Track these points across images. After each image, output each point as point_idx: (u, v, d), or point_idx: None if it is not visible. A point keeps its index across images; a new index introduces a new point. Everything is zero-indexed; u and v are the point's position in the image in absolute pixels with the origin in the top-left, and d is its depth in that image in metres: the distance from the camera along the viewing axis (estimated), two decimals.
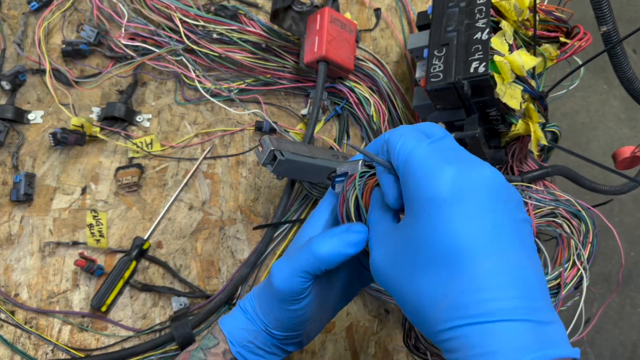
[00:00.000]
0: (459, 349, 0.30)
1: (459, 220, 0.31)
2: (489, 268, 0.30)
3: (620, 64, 0.57)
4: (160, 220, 0.69)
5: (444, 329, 0.31)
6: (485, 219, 0.31)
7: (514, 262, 0.30)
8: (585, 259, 0.51)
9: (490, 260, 0.30)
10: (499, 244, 0.31)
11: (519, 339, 0.29)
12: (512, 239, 0.31)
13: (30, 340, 0.63)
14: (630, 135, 1.67)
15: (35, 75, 0.75)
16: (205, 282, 0.67)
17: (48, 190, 0.70)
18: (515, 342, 0.29)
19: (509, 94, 0.56)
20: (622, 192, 0.64)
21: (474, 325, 0.29)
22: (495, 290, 0.30)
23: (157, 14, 0.74)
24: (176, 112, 0.75)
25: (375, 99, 0.73)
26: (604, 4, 0.54)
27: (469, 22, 0.59)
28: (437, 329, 0.31)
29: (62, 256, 0.67)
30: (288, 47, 0.73)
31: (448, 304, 0.31)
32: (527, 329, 0.29)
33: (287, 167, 0.60)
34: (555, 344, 0.29)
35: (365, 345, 0.65)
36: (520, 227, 0.32)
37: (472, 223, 0.31)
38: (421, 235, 0.32)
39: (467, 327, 0.30)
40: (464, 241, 0.31)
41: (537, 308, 0.30)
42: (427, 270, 0.32)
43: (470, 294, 0.30)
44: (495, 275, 0.30)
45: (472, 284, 0.30)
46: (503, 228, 0.31)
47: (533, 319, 0.29)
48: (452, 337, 0.30)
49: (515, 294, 0.30)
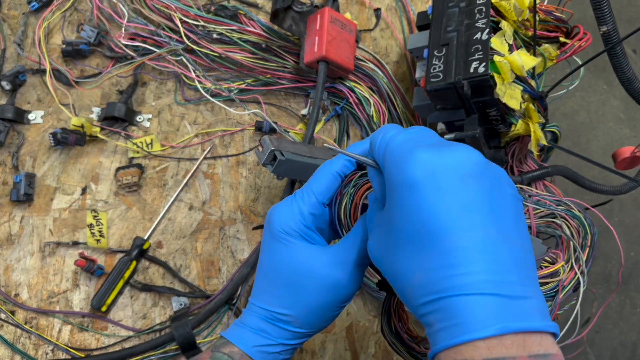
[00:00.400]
0: (432, 323, 0.32)
1: (429, 199, 0.32)
2: (457, 244, 0.31)
3: (620, 64, 0.57)
4: (161, 220, 0.69)
5: (418, 304, 0.32)
6: (455, 197, 0.32)
7: (483, 238, 0.31)
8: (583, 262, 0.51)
9: (458, 237, 0.31)
10: (467, 220, 0.31)
11: (483, 311, 0.29)
12: (483, 215, 0.32)
13: (30, 340, 0.63)
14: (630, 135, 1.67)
15: (35, 75, 0.75)
16: (206, 282, 0.67)
17: (48, 190, 0.70)
18: (478, 314, 0.29)
19: (509, 94, 0.56)
20: (622, 192, 0.64)
21: (443, 300, 0.31)
22: (462, 266, 0.30)
23: (157, 14, 0.74)
24: (176, 112, 0.75)
25: (375, 99, 0.73)
26: (604, 4, 0.54)
27: (469, 22, 0.59)
28: (414, 304, 0.33)
29: (62, 256, 0.67)
30: (288, 47, 0.73)
31: (420, 281, 0.32)
32: (492, 302, 0.30)
33: (287, 167, 0.60)
34: (524, 317, 0.30)
35: (365, 345, 0.65)
36: (495, 203, 0.32)
37: (441, 202, 0.32)
38: (396, 217, 0.34)
39: (436, 302, 0.31)
40: (434, 220, 0.32)
41: (507, 282, 0.30)
42: (402, 250, 0.34)
43: (438, 270, 0.31)
44: (462, 250, 0.31)
45: (440, 260, 0.31)
46: (473, 204, 0.32)
47: (500, 293, 0.30)
48: (426, 313, 0.32)
49: (482, 268, 0.30)
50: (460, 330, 0.30)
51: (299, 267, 0.42)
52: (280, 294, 0.43)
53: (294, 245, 0.43)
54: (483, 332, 0.29)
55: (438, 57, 0.59)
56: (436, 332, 0.31)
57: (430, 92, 0.59)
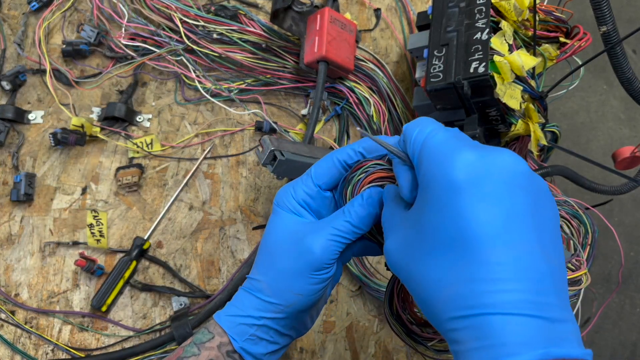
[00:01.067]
0: (461, 341, 0.29)
1: (470, 205, 0.29)
2: (497, 258, 0.29)
3: (620, 64, 0.57)
4: (161, 220, 0.69)
5: (447, 317, 0.30)
6: (499, 206, 0.29)
7: (525, 254, 0.29)
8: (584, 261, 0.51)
9: (499, 250, 0.29)
10: (511, 233, 0.29)
11: (523, 333, 0.27)
12: (527, 229, 0.30)
13: (30, 340, 0.63)
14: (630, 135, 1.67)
15: (35, 75, 0.75)
16: (206, 282, 0.67)
17: (48, 190, 0.70)
18: (518, 336, 0.27)
19: (508, 94, 0.56)
20: (621, 192, 0.64)
21: (477, 317, 0.28)
22: (501, 282, 0.28)
23: (157, 14, 0.74)
24: (176, 112, 0.75)
25: (375, 99, 0.73)
26: (604, 4, 0.54)
27: (469, 22, 0.59)
28: (442, 318, 0.30)
29: (63, 256, 0.67)
30: (288, 47, 0.73)
31: (452, 293, 0.30)
32: (533, 324, 0.28)
33: (287, 167, 0.60)
34: (563, 343, 0.28)
35: (365, 345, 0.65)
36: (539, 218, 0.30)
37: (484, 209, 0.29)
38: (431, 219, 0.31)
39: (469, 318, 0.29)
40: (474, 228, 0.29)
41: (547, 304, 0.29)
42: (434, 257, 0.31)
43: (475, 283, 0.29)
44: (503, 266, 0.29)
45: (478, 273, 0.29)
46: (518, 217, 0.30)
47: (541, 315, 0.28)
48: (455, 328, 0.30)
49: (523, 287, 0.28)
50: (499, 352, 0.27)
51: (279, 234, 0.43)
52: (260, 261, 0.44)
53: (280, 215, 0.44)
54: (525, 356, 0.27)
55: (438, 57, 0.59)
56: (468, 351, 0.29)
57: (430, 92, 0.59)
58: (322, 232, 0.41)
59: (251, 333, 0.44)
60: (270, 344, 0.45)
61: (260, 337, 0.44)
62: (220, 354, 0.44)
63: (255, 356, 0.45)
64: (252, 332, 0.44)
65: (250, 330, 0.44)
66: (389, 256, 0.36)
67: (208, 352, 0.44)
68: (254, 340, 0.44)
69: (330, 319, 0.66)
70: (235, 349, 0.44)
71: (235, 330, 0.44)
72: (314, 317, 0.48)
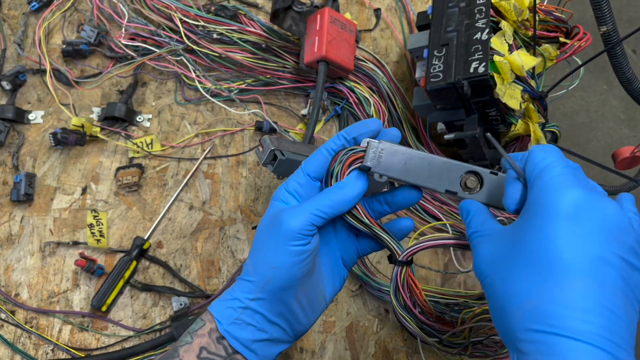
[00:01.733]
0: (529, 353, 0.32)
1: (568, 235, 0.33)
2: (582, 289, 0.31)
3: (620, 64, 0.57)
4: (161, 220, 0.69)
5: (523, 328, 0.33)
6: (593, 245, 0.33)
7: (609, 295, 0.32)
8: None
9: (586, 284, 0.32)
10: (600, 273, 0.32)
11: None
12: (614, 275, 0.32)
13: (30, 340, 0.63)
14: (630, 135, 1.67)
15: (35, 75, 0.75)
16: (206, 282, 0.67)
17: (48, 190, 0.70)
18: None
19: (508, 94, 0.56)
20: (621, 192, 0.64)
21: (553, 336, 0.31)
22: (582, 312, 0.31)
23: (157, 14, 0.74)
24: (176, 112, 0.75)
25: (375, 99, 0.73)
26: (604, 4, 0.54)
27: (468, 22, 0.59)
28: (517, 328, 0.33)
29: (63, 256, 0.67)
30: (288, 47, 0.73)
31: (533, 309, 0.32)
32: (601, 356, 0.30)
33: (288, 167, 0.60)
34: None
35: (365, 345, 0.65)
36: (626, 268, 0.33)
37: (579, 243, 0.32)
38: (528, 239, 0.34)
39: (545, 334, 0.31)
40: (566, 256, 0.32)
41: (618, 345, 0.31)
42: (523, 272, 0.34)
43: (558, 305, 0.32)
44: (586, 298, 0.31)
45: (561, 297, 0.32)
46: (607, 261, 0.32)
47: (610, 352, 0.30)
48: (528, 340, 0.32)
49: (600, 323, 0.31)
50: None
51: (264, 220, 0.46)
52: (251, 249, 0.46)
53: (271, 205, 0.47)
54: None
55: (438, 57, 0.59)
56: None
57: (430, 92, 0.59)
58: (298, 208, 0.44)
59: (236, 317, 0.45)
60: (257, 330, 0.45)
61: (246, 322, 0.45)
62: (210, 340, 0.44)
63: (241, 342, 0.45)
64: (237, 315, 0.45)
65: (235, 313, 0.45)
66: (480, 262, 0.39)
67: (199, 340, 0.44)
68: (239, 325, 0.45)
69: (330, 318, 0.66)
70: (221, 332, 0.44)
71: (222, 314, 0.45)
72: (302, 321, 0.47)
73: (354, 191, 0.45)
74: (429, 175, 0.46)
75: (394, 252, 0.46)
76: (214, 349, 0.44)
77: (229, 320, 0.45)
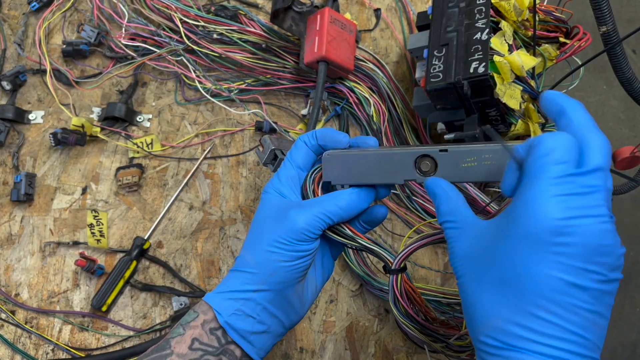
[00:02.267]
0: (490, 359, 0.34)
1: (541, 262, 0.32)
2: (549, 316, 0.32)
3: (620, 64, 0.57)
4: (161, 220, 0.69)
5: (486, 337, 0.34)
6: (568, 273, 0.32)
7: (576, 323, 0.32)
8: None
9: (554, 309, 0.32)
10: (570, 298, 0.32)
11: None
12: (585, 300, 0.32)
13: (30, 340, 0.63)
14: (629, 135, 1.67)
15: (35, 76, 0.75)
16: (206, 282, 0.67)
17: (48, 190, 0.70)
18: None
19: (508, 94, 0.56)
20: (621, 192, 0.64)
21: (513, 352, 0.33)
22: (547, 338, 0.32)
23: (157, 14, 0.74)
24: (176, 112, 0.75)
25: (375, 99, 0.73)
26: (604, 4, 0.54)
27: (468, 22, 0.59)
28: (481, 334, 0.35)
29: (63, 256, 0.67)
30: (288, 47, 0.74)
31: (498, 327, 0.33)
32: None
33: None
34: None
35: (365, 345, 0.65)
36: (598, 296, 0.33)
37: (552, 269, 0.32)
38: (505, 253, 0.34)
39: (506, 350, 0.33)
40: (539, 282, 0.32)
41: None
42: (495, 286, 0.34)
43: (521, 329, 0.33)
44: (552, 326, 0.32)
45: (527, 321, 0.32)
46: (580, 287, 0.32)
47: None
48: (488, 351, 0.34)
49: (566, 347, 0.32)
50: None
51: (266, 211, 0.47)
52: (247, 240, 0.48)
53: (267, 196, 0.48)
54: None
55: (438, 57, 0.59)
56: None
57: (430, 92, 0.59)
58: (309, 208, 0.45)
59: (237, 308, 0.45)
60: (257, 323, 0.45)
61: (246, 314, 0.45)
62: (203, 331, 0.45)
63: (240, 333, 0.45)
64: (238, 306, 0.45)
65: (235, 304, 0.45)
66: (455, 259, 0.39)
67: (192, 331, 0.45)
68: (239, 316, 0.45)
69: (330, 318, 0.66)
70: (220, 323, 0.45)
71: (221, 305, 0.45)
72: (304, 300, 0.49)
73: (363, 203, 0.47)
74: (384, 171, 0.45)
75: (387, 261, 0.46)
76: (207, 340, 0.44)
77: (229, 311, 0.45)
